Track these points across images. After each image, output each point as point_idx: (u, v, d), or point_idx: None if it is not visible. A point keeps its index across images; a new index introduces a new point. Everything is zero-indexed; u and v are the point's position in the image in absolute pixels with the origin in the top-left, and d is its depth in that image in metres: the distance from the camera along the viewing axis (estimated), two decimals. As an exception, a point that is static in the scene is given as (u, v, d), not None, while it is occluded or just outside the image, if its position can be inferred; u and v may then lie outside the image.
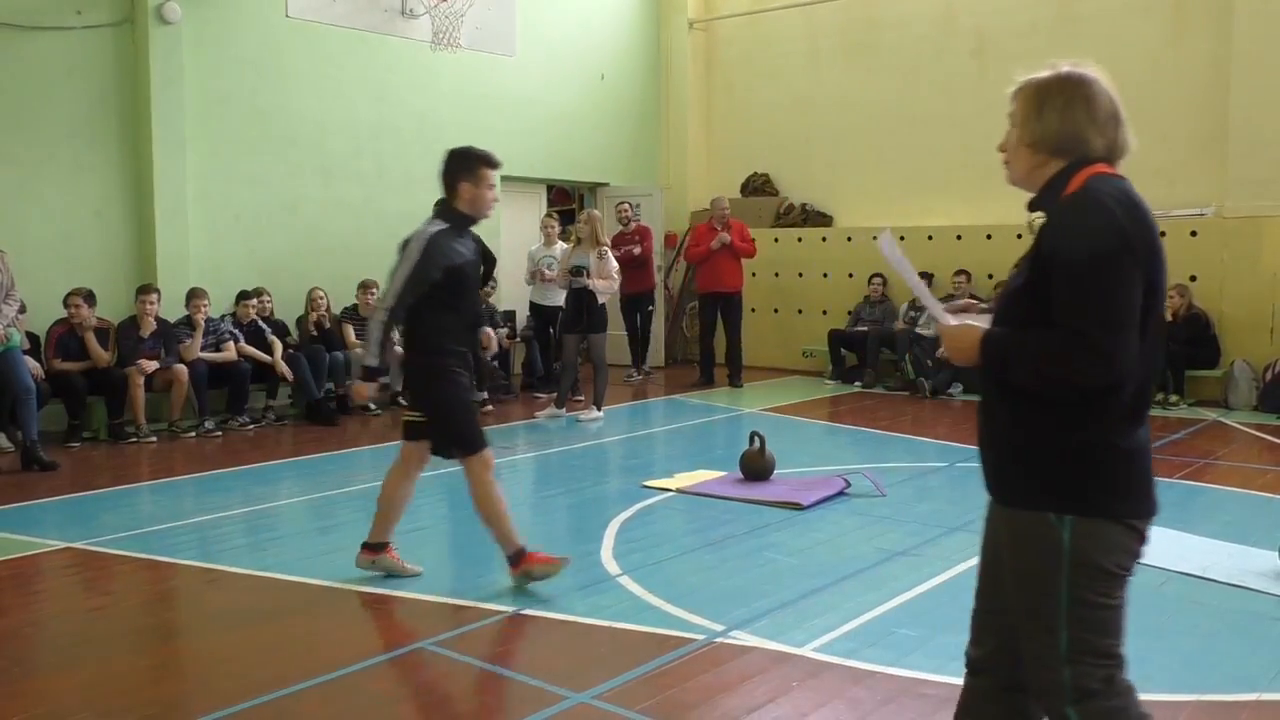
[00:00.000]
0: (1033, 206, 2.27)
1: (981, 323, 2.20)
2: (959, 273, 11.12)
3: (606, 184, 13.60)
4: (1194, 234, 10.12)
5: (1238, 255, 9.86)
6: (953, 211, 11.81)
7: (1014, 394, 2.13)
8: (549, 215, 10.92)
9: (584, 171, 13.25)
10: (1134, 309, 2.04)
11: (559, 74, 12.66)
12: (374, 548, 4.81)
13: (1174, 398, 9.68)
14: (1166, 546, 5.08)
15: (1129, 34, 10.74)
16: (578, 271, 9.23)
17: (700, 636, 4.03)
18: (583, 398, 9.86)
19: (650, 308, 12.28)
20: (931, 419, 9.29)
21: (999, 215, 11.42)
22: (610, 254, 9.54)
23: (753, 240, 11.58)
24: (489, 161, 4.51)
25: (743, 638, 4.03)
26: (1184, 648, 3.93)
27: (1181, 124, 10.40)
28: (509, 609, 4.37)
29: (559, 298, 10.06)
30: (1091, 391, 2.05)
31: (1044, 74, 2.27)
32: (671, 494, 6.40)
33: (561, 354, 9.70)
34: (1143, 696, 3.42)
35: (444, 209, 4.59)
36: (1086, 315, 2.01)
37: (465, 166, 4.50)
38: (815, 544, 5.31)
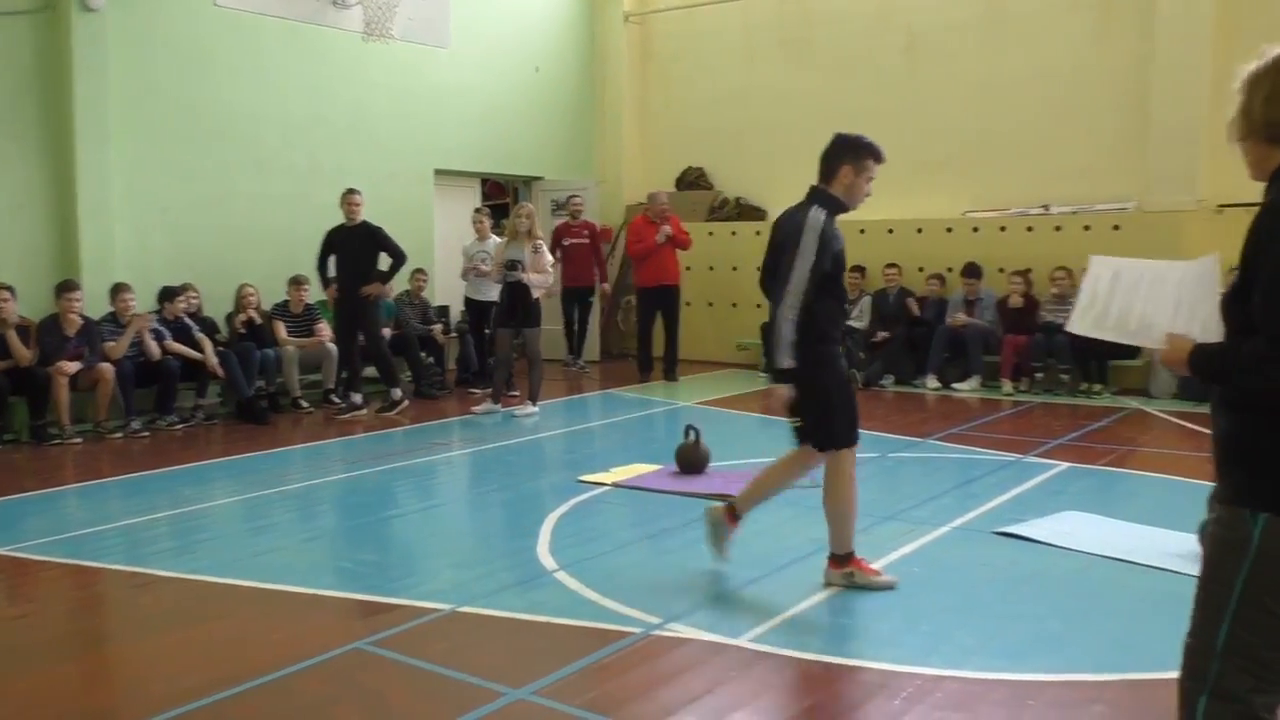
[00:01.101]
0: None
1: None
2: (889, 265, 11.29)
3: (541, 178, 13.55)
4: (1117, 228, 10.37)
5: (1158, 249, 10.07)
6: (885, 206, 11.87)
7: (1228, 395, 2.13)
8: (480, 210, 10.87)
9: (519, 165, 13.19)
10: None
11: (493, 66, 12.59)
12: (735, 516, 4.76)
13: (1097, 387, 9.93)
14: (1091, 531, 5.22)
15: (1056, 33, 10.97)
16: (513, 266, 9.18)
17: (638, 630, 4.05)
18: (518, 393, 9.83)
19: (591, 299, 12.37)
20: (864, 410, 9.32)
21: (929, 210, 11.63)
22: (545, 247, 9.51)
23: (687, 232, 11.66)
24: (877, 155, 4.51)
25: (680, 630, 4.05)
26: (1108, 629, 4.04)
27: (1105, 121, 10.65)
28: (445, 607, 4.35)
29: (493, 292, 10.02)
30: None
31: (1258, 61, 2.17)
32: (608, 488, 6.41)
33: (495, 349, 9.65)
34: (1069, 677, 3.55)
35: (820, 194, 4.53)
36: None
37: (853, 153, 4.51)
38: (750, 536, 5.34)
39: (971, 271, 10.72)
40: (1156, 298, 2.26)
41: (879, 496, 6.20)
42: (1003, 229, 11.04)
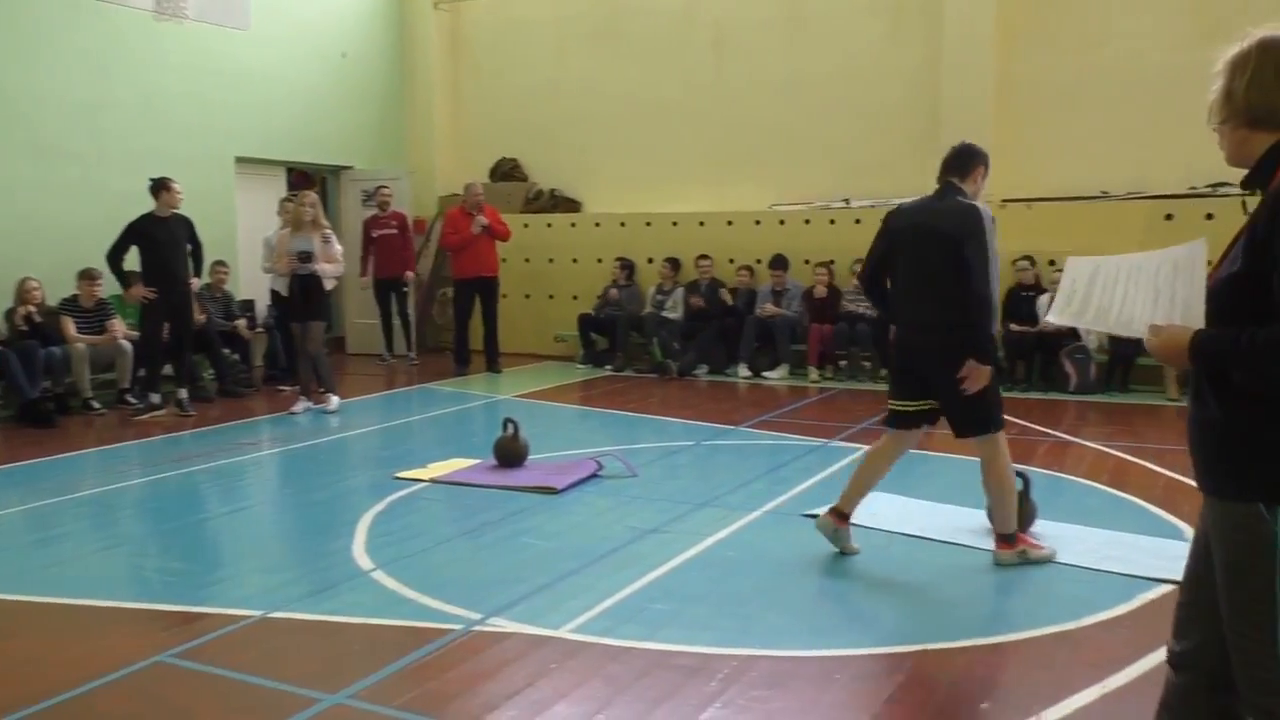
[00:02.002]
0: (1245, 185, 2.14)
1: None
2: (701, 257, 11.55)
3: (351, 167, 13.19)
4: (911, 221, 10.92)
5: (949, 240, 10.71)
6: (696, 198, 12.23)
7: (1228, 385, 2.04)
8: (287, 199, 10.48)
9: (326, 154, 12.79)
10: None
11: (297, 50, 12.15)
12: (841, 515, 4.86)
13: (897, 372, 10.45)
14: (891, 511, 5.50)
15: (854, 34, 11.44)
16: (305, 257, 8.87)
17: (458, 626, 4.02)
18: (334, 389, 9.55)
19: (405, 289, 12.16)
20: (679, 400, 9.60)
21: (738, 202, 11.95)
22: (334, 237, 9.26)
23: (506, 224, 11.61)
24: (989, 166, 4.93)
25: (501, 624, 4.04)
26: (909, 603, 4.27)
27: (901, 119, 11.19)
28: (255, 613, 4.19)
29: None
30: None
31: (1241, 43, 2.14)
32: (425, 484, 6.31)
33: (296, 344, 9.30)
34: (873, 650, 3.74)
35: (958, 189, 4.84)
36: None
37: (985, 159, 4.89)
38: (570, 527, 5.39)
39: (779, 263, 11.09)
40: (1136, 289, 2.22)
41: (694, 484, 6.35)
42: (807, 222, 11.46)
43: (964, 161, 4.87)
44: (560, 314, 12.62)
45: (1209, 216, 9.32)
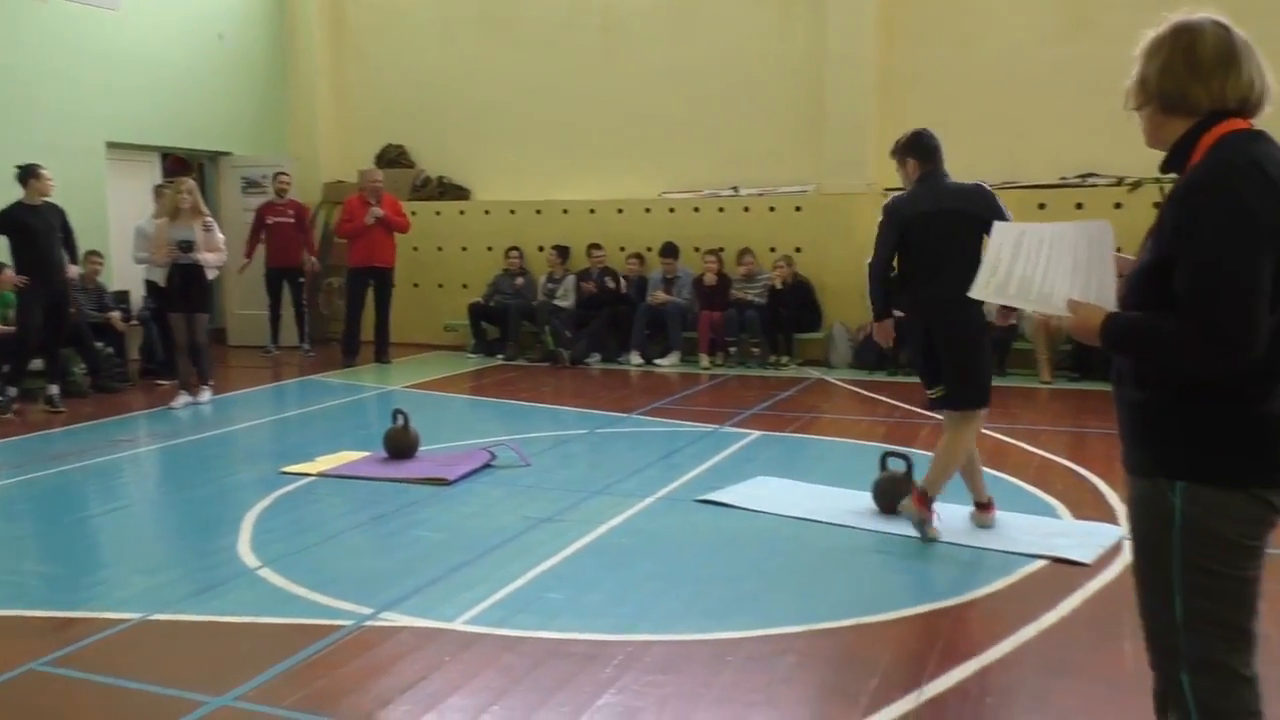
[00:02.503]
0: (1162, 169, 2.19)
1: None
2: (593, 246, 11.55)
3: (229, 153, 12.79)
4: (799, 209, 11.12)
5: (834, 229, 10.96)
6: (587, 186, 12.21)
7: (1141, 368, 2.12)
8: (163, 187, 10.10)
9: (203, 139, 12.37)
10: (1263, 294, 1.95)
11: (171, 31, 11.70)
12: (984, 506, 5.06)
13: (784, 359, 10.64)
14: (781, 494, 5.60)
15: (740, 24, 11.56)
16: (187, 246, 8.58)
17: (349, 622, 3.95)
18: (213, 381, 9.25)
19: (301, 280, 11.87)
20: (572, 388, 9.60)
21: (629, 190, 11.97)
22: (216, 225, 8.98)
23: (405, 214, 11.44)
24: None
25: (393, 618, 3.99)
26: (797, 584, 4.36)
27: (787, 109, 11.36)
28: (134, 616, 4.05)
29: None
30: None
31: (1157, 28, 2.17)
32: (313, 478, 6.18)
33: (177, 336, 8.99)
34: (764, 631, 3.81)
35: (946, 173, 4.93)
36: (1210, 310, 1.95)
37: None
38: (463, 518, 5.35)
39: (669, 251, 11.16)
40: (1058, 259, 2.23)
41: (587, 472, 6.36)
42: (696, 210, 11.55)
43: (937, 151, 5.03)
44: (450, 303, 12.47)
45: (1079, 206, 9.72)
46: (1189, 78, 2.09)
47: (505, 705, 3.28)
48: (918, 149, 4.95)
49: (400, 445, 6.52)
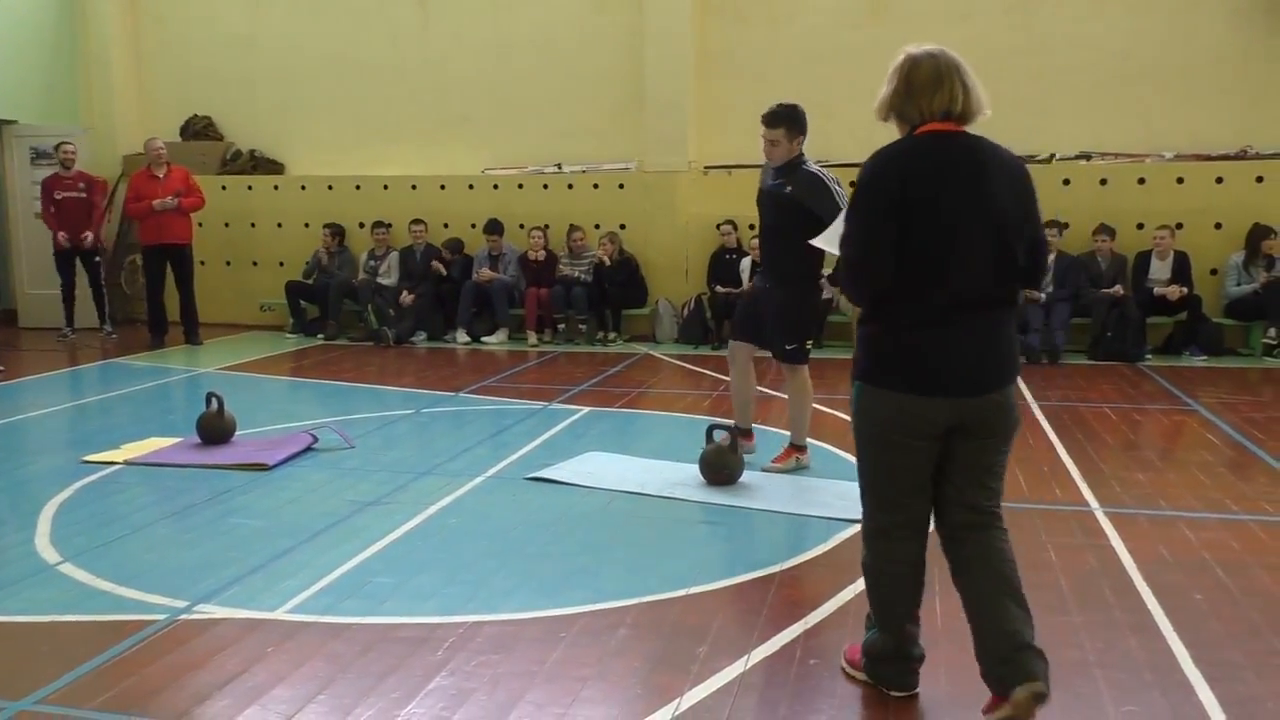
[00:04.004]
0: None
1: None
2: (415, 222, 11.30)
3: (15, 121, 11.87)
4: (622, 186, 11.18)
5: (657, 206, 11.08)
6: (407, 161, 11.92)
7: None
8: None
9: (-15, 106, 11.44)
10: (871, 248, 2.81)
11: (-56, -11, 10.76)
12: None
13: (611, 335, 10.70)
14: (611, 469, 5.64)
15: (559, 2, 11.47)
16: None
17: (161, 616, 3.75)
18: (3, 367, 8.61)
19: (97, 259, 11.12)
20: (396, 368, 9.39)
21: (451, 166, 11.77)
22: None
23: (199, 188, 10.85)
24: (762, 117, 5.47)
25: (210, 610, 3.81)
26: (628, 557, 4.39)
27: (608, 87, 11.37)
28: (-81, 620, 3.73)
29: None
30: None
31: (897, 57, 2.88)
32: (119, 467, 5.84)
33: None
34: (597, 606, 3.82)
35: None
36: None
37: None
38: (284, 504, 5.16)
39: (494, 228, 11.03)
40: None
41: (414, 453, 6.24)
42: (521, 186, 11.46)
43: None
44: (265, 282, 11.99)
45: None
46: (905, 98, 2.83)
47: (332, 694, 3.18)
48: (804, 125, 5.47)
49: (214, 430, 6.23)
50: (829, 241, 3.59)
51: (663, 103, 11.02)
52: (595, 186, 11.25)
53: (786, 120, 5.37)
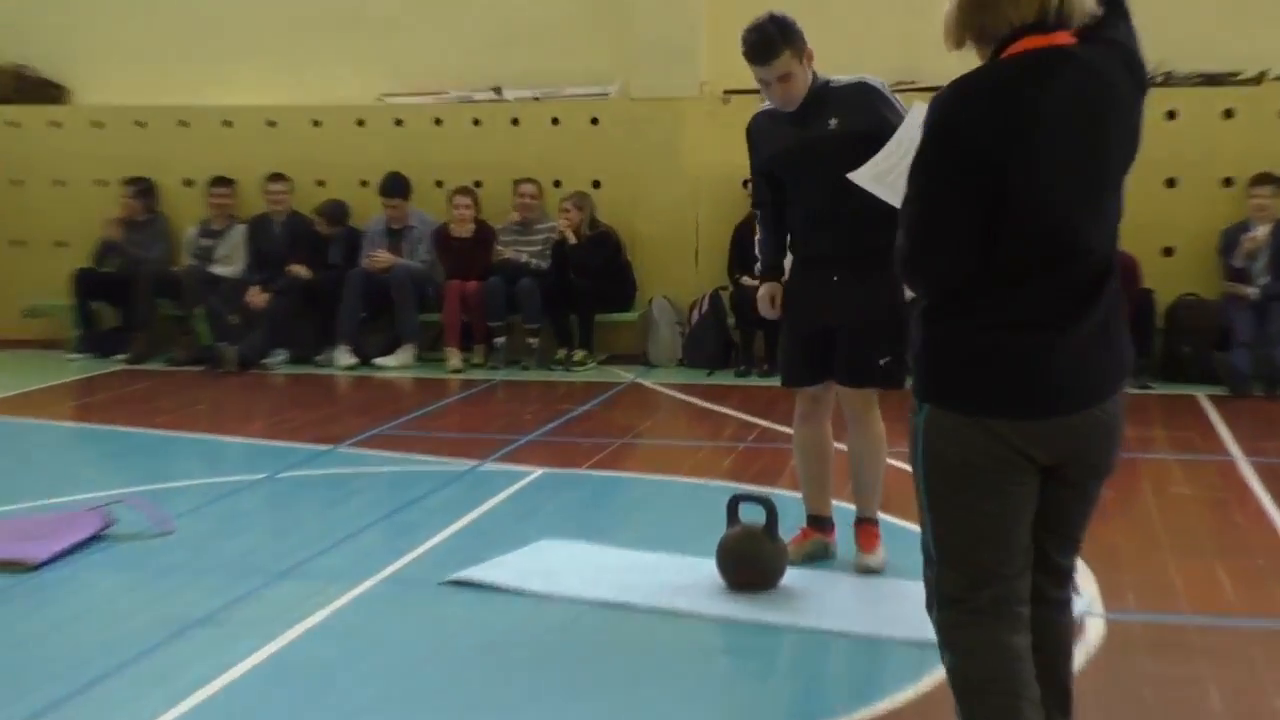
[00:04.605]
0: None
1: None
2: (274, 178, 11.27)
3: None
4: (595, 122, 11.17)
5: (651, 150, 11.04)
6: (262, 86, 11.91)
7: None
8: None
9: None
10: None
11: None
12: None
13: (580, 354, 10.62)
14: (575, 567, 5.57)
15: None
16: None
17: None
18: None
19: None
20: (240, 407, 9.38)
21: (329, 93, 11.76)
22: None
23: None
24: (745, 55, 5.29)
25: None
26: (601, 713, 4.29)
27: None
28: None
29: None
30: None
31: None
32: None
33: None
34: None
35: None
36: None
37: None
38: (57, 624, 5.11)
39: (395, 187, 10.99)
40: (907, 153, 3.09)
41: (267, 541, 6.26)
42: (438, 122, 11.47)
43: None
44: (35, 272, 12.00)
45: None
46: (981, 6, 2.89)
47: None
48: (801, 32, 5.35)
49: (-50, 507, 6.17)
50: (875, 177, 3.64)
51: (655, 3, 11.02)
52: (554, 122, 11.24)
53: (784, 39, 5.28)
